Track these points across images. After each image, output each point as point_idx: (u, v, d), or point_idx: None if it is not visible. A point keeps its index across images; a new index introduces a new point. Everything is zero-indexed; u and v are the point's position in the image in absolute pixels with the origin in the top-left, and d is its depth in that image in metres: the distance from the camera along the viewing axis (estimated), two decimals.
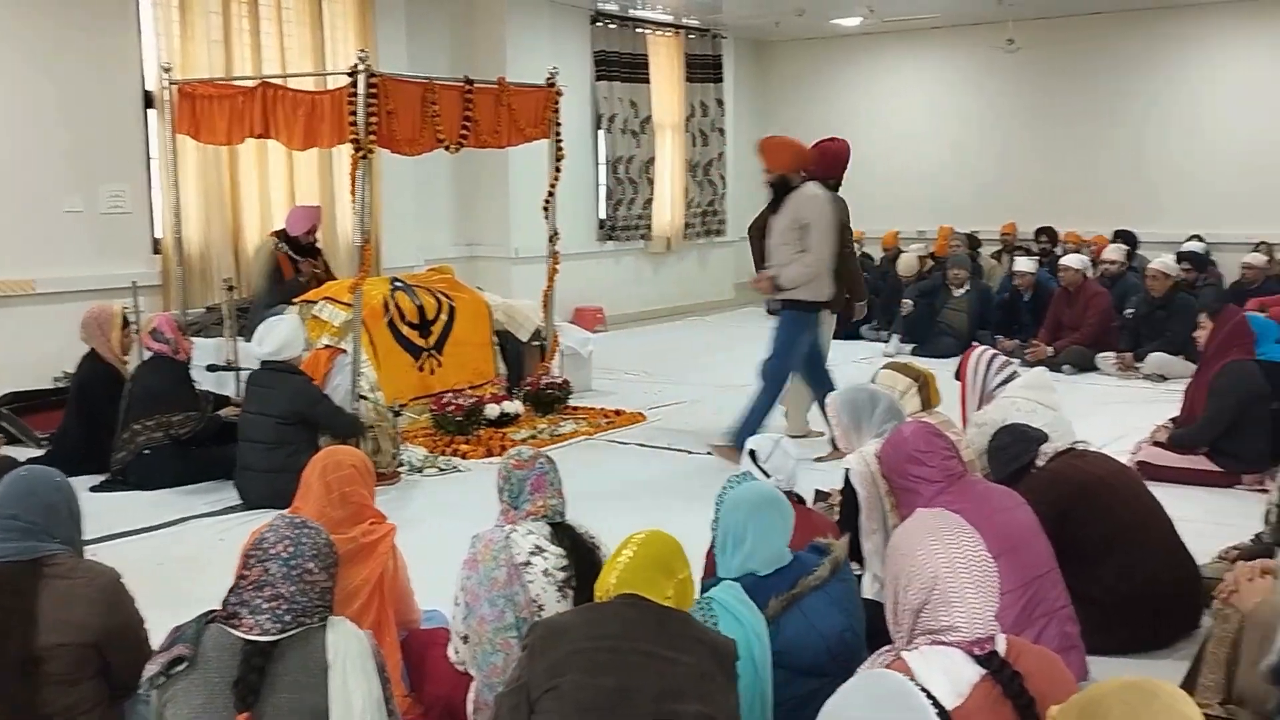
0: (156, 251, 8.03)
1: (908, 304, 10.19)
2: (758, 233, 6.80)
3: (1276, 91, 11.22)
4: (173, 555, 4.89)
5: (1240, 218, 11.33)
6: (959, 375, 5.14)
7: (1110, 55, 12.04)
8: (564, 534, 3.00)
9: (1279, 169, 11.23)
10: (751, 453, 3.56)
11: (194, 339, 6.70)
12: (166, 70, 7.20)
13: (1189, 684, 2.89)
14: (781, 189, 6.21)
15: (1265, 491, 4.50)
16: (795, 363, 6.34)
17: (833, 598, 2.78)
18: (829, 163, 6.79)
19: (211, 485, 5.81)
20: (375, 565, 3.07)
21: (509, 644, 2.83)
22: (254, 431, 5.51)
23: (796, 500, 3.60)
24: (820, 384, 6.37)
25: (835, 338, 10.72)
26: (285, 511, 2.82)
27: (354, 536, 3.07)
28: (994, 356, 5.07)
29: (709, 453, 6.45)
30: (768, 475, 3.41)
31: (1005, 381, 4.86)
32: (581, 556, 2.94)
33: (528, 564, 2.89)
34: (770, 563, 2.84)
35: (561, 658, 2.26)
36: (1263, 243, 10.75)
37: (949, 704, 2.12)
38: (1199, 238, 11.11)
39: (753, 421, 6.16)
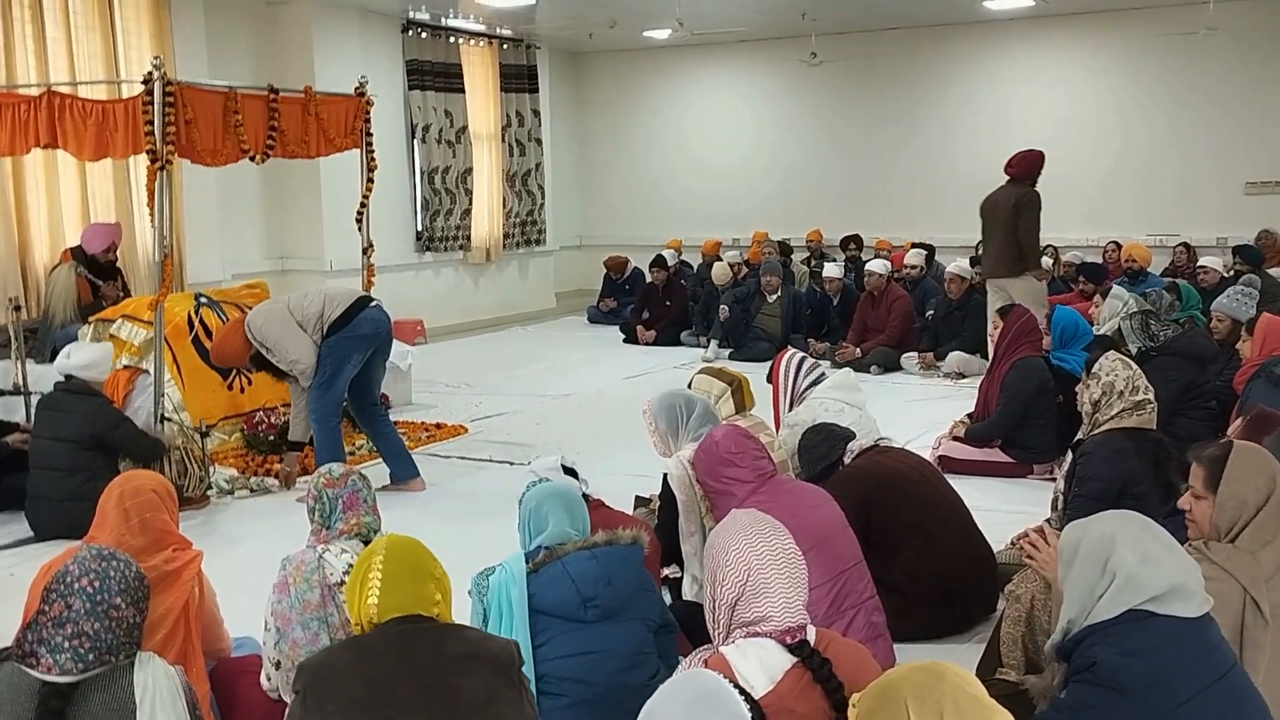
0: None
1: (724, 310, 10.43)
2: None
3: (1057, 105, 12.03)
4: None
5: None
6: (771, 378, 5.31)
7: (907, 69, 12.65)
8: None
9: (1061, 178, 11.95)
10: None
11: None
12: None
13: (985, 664, 3.05)
14: None
15: (1054, 480, 4.80)
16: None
17: (596, 556, 2.85)
18: (1026, 167, 7.99)
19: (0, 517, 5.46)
20: (179, 594, 2.94)
21: None
22: (47, 458, 5.20)
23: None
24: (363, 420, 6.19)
25: (663, 343, 11.00)
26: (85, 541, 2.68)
27: (156, 564, 2.93)
28: (803, 360, 5.26)
29: (530, 463, 6.44)
30: (577, 476, 3.49)
31: (814, 383, 5.04)
32: None
33: (342, 584, 2.83)
34: (555, 540, 2.91)
35: (338, 710, 2.11)
36: (1049, 246, 11.48)
37: (762, 689, 2.21)
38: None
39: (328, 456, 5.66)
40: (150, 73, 5.79)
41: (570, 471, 3.47)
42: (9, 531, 5.32)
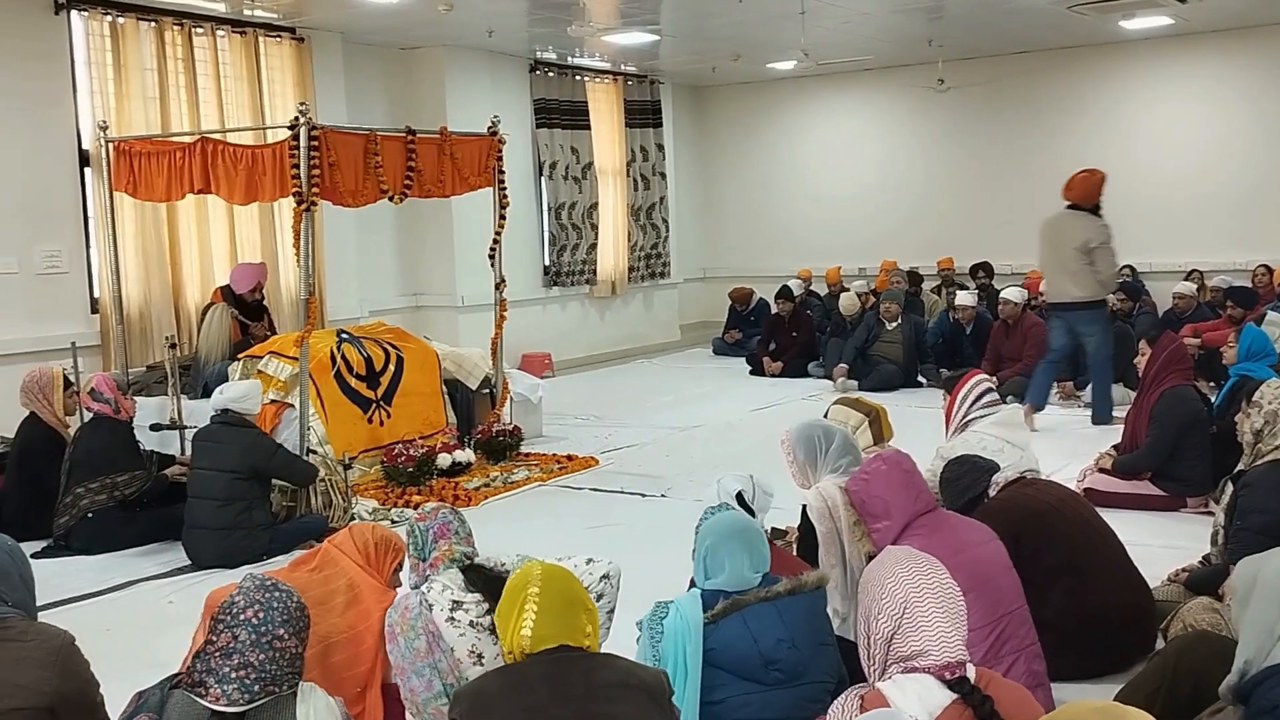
0: (95, 311, 7.91)
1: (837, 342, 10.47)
2: None
3: (1199, 125, 11.59)
4: (121, 620, 4.77)
5: (1170, 248, 11.65)
6: (951, 390, 5.11)
7: (1039, 92, 12.35)
8: (476, 576, 2.97)
9: (1205, 200, 11.57)
10: (739, 495, 3.50)
11: (136, 398, 6.58)
12: (103, 128, 7.10)
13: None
14: None
15: (1210, 514, 4.58)
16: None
17: (780, 610, 2.77)
18: None
19: (159, 547, 5.71)
20: (370, 623, 3.08)
21: (441, 712, 2.76)
22: (204, 488, 5.41)
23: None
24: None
25: (790, 375, 10.88)
26: (255, 571, 2.78)
27: (358, 579, 3.15)
28: (987, 390, 5.03)
29: (662, 495, 6.48)
30: (753, 513, 3.41)
31: (983, 417, 4.90)
32: (498, 591, 2.91)
33: (452, 619, 2.84)
34: (735, 585, 2.83)
35: None
36: (1194, 271, 11.06)
37: None
38: (1131, 268, 11.38)
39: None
40: (296, 118, 6.03)
41: (745, 506, 3.39)
42: (168, 560, 5.54)
